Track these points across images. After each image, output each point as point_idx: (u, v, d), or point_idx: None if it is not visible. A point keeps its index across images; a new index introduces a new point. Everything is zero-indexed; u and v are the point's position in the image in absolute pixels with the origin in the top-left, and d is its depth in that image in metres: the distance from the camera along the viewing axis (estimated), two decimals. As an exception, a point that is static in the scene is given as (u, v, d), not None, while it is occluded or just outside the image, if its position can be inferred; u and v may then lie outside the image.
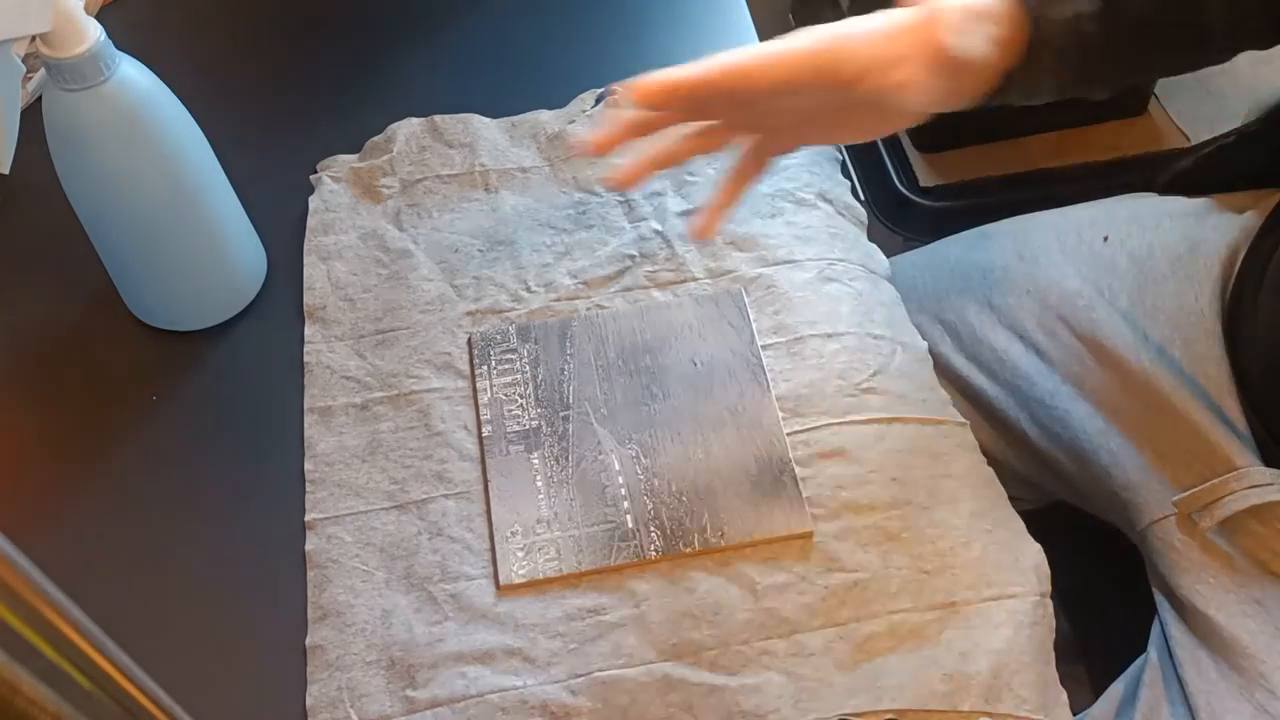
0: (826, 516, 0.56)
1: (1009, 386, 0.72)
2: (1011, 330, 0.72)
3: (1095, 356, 0.68)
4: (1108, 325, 0.68)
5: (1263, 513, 0.59)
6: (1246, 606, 0.60)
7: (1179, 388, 0.64)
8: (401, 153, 0.70)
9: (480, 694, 0.51)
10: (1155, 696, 0.62)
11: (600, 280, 0.65)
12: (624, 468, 0.57)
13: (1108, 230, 0.72)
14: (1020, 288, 0.73)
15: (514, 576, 0.54)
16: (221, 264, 0.63)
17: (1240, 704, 0.58)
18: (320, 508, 0.57)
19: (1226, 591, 0.60)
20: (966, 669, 0.51)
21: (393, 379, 0.61)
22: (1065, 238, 0.73)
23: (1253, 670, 0.58)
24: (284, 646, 0.53)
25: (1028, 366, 0.71)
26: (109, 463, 0.60)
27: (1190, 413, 0.63)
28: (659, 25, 0.80)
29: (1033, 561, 0.55)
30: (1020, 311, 0.72)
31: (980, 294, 0.75)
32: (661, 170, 0.58)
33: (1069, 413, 0.69)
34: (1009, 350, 0.72)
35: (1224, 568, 0.61)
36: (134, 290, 0.63)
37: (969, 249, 0.79)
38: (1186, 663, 0.61)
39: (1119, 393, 0.67)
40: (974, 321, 0.74)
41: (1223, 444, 0.61)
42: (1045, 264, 0.72)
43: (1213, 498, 0.60)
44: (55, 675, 0.25)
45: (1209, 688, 0.59)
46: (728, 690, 0.51)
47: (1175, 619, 0.64)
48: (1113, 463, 0.67)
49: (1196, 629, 0.62)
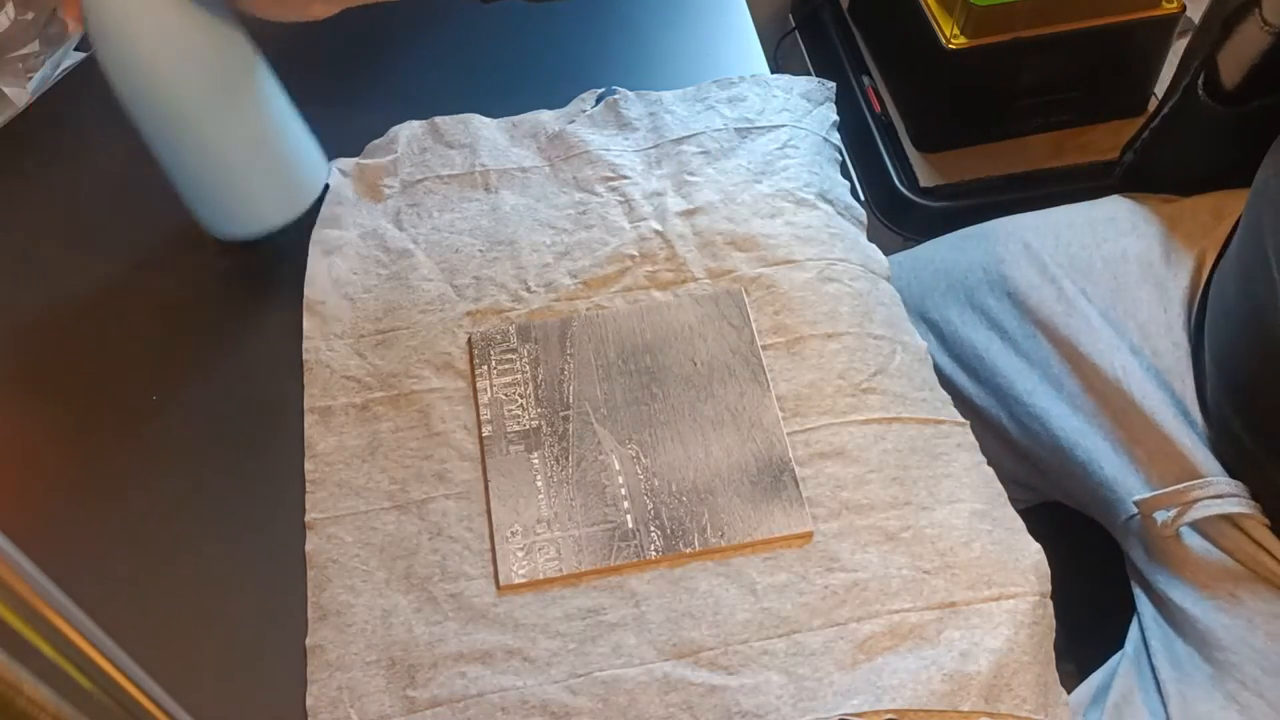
0: (826, 516, 0.56)
1: (989, 384, 0.73)
2: (992, 330, 0.73)
3: (1071, 359, 0.69)
4: (1083, 330, 0.68)
5: (1233, 518, 0.60)
6: (1221, 599, 0.60)
7: (1150, 394, 0.65)
8: (403, 155, 0.70)
9: (480, 694, 0.51)
10: (1128, 685, 0.63)
11: (600, 280, 0.65)
12: (624, 468, 0.57)
13: (1084, 232, 0.72)
14: (999, 289, 0.73)
15: (514, 576, 0.54)
16: (279, 161, 0.63)
17: (1211, 693, 0.58)
18: (320, 508, 0.57)
19: (1201, 585, 0.61)
20: (966, 669, 0.51)
21: (393, 379, 0.61)
22: (1044, 240, 0.73)
23: (1225, 661, 0.59)
24: (284, 646, 0.53)
25: (1007, 366, 0.72)
26: (109, 463, 0.60)
27: (1160, 420, 0.64)
28: (659, 25, 0.81)
29: (1033, 561, 0.55)
30: (1000, 312, 0.73)
31: (962, 295, 0.75)
32: None
33: (1047, 411, 0.69)
34: (989, 349, 0.73)
35: (1199, 562, 0.61)
36: (195, 193, 0.63)
37: (951, 250, 0.79)
38: (1160, 653, 0.62)
39: (1094, 395, 0.68)
40: (956, 321, 0.75)
41: (1191, 451, 0.62)
42: (1024, 266, 0.73)
43: (1175, 502, 0.60)
44: (55, 675, 0.25)
45: (1181, 677, 0.60)
46: (728, 690, 0.51)
47: (1152, 611, 0.64)
48: (1089, 460, 0.67)
49: (1172, 621, 0.62)
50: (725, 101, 0.73)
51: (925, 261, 0.80)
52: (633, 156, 0.71)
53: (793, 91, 0.74)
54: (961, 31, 0.98)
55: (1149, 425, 0.64)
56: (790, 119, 0.72)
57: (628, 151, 0.71)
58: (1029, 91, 1.04)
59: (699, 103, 0.73)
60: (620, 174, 0.69)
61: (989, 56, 0.99)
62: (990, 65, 1.01)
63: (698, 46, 0.79)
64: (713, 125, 0.72)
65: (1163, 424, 0.64)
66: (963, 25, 0.97)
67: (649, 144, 0.71)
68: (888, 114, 1.12)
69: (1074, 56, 1.02)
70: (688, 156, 0.70)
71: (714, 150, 0.71)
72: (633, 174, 0.69)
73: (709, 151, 0.70)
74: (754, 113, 0.72)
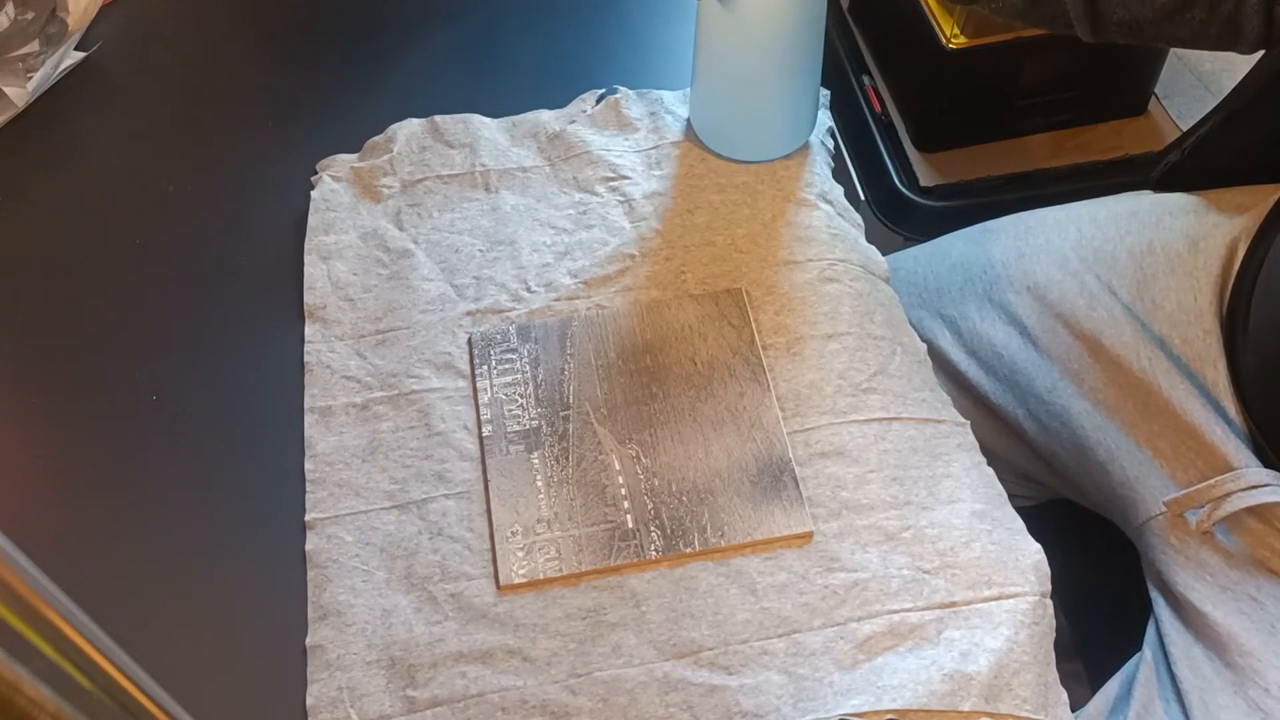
0: (826, 516, 0.56)
1: (1008, 381, 0.72)
2: (1011, 326, 0.72)
3: (1094, 354, 0.68)
4: (1107, 323, 0.68)
5: (1261, 510, 0.59)
6: (1242, 603, 0.60)
7: (1177, 386, 0.64)
8: (402, 153, 0.70)
9: (480, 693, 0.51)
10: (1149, 693, 0.62)
11: (600, 280, 0.65)
12: (624, 467, 0.57)
13: (1108, 227, 0.72)
14: (1020, 284, 0.73)
15: (514, 576, 0.54)
16: (798, 104, 0.68)
17: (1234, 700, 0.58)
18: (320, 507, 0.57)
19: (1222, 588, 0.60)
20: (966, 669, 0.51)
21: (393, 379, 0.61)
22: (1066, 234, 0.73)
23: (1247, 667, 0.58)
24: (284, 646, 0.53)
25: (1026, 362, 0.71)
26: (109, 463, 0.60)
27: (1189, 411, 0.63)
28: (659, 25, 0.80)
29: (1033, 561, 0.55)
30: (1020, 308, 0.72)
31: (980, 290, 0.75)
32: None
33: (1067, 408, 0.69)
34: (1008, 345, 0.72)
35: (1220, 564, 0.61)
36: (718, 126, 0.70)
37: (970, 245, 0.79)
38: (1180, 659, 0.61)
39: (1118, 390, 0.67)
40: (974, 317, 0.74)
41: (1220, 443, 0.61)
42: (1045, 261, 0.72)
43: (1206, 499, 0.60)
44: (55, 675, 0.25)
45: (1203, 684, 0.59)
46: (728, 690, 0.51)
47: (1170, 615, 0.64)
48: (1110, 459, 0.67)
49: (1191, 625, 0.62)
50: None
51: (941, 256, 0.80)
52: (633, 157, 0.71)
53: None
54: (961, 31, 0.97)
55: (1175, 418, 0.64)
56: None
57: (628, 151, 0.71)
58: (1029, 91, 1.04)
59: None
60: (621, 174, 0.69)
61: (989, 56, 0.99)
62: (990, 65, 1.00)
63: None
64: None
65: (1190, 415, 0.63)
66: (963, 25, 0.97)
67: (649, 144, 0.71)
68: (888, 114, 1.12)
69: (1074, 56, 1.02)
70: (688, 157, 0.70)
71: (714, 150, 0.71)
72: (633, 174, 0.69)
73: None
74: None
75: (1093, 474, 0.68)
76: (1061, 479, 0.73)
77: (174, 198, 0.71)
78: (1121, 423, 0.67)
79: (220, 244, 0.68)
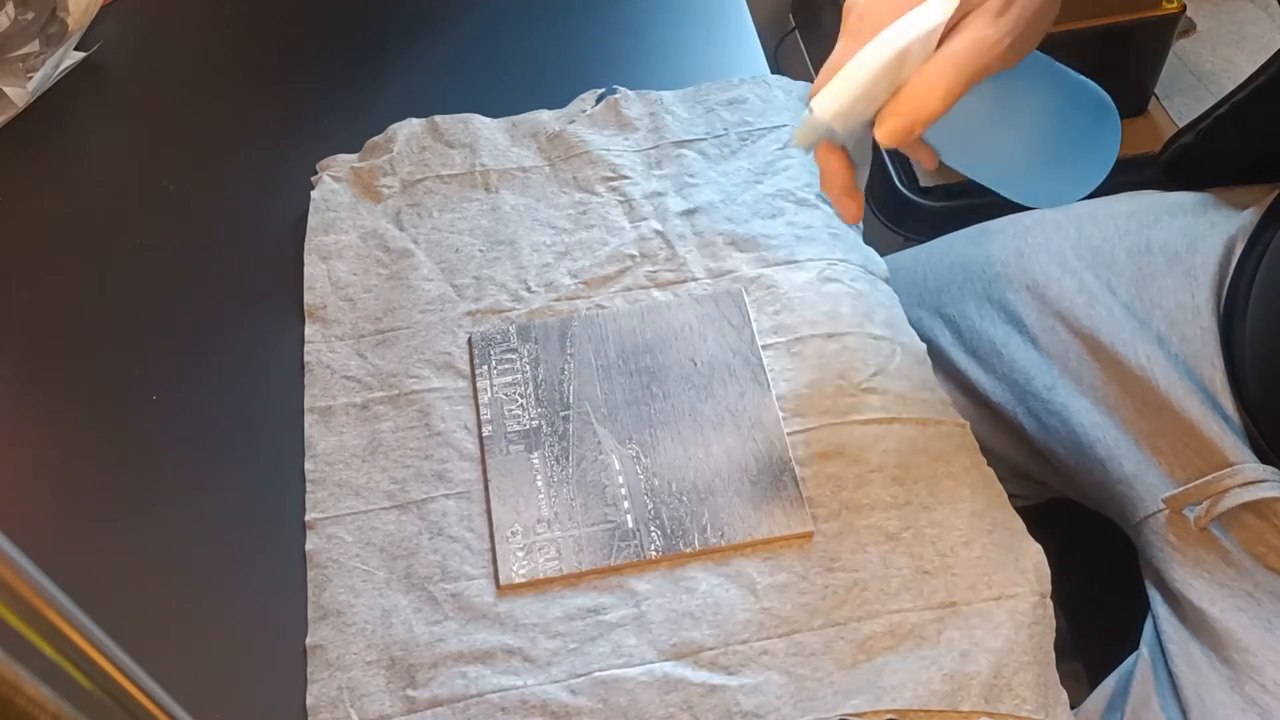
0: (826, 516, 0.56)
1: (1007, 380, 0.73)
2: (1010, 325, 0.72)
3: (1093, 352, 0.68)
4: (1106, 321, 0.68)
5: (1259, 506, 0.59)
6: (1239, 600, 0.60)
7: (1176, 383, 0.64)
8: (402, 153, 0.70)
9: (480, 694, 0.51)
10: (1146, 690, 0.63)
11: (600, 280, 0.65)
12: (624, 467, 0.57)
13: (1106, 226, 0.72)
14: (1019, 283, 0.73)
15: (514, 576, 0.54)
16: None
17: (1231, 696, 0.58)
18: (320, 507, 0.57)
19: (1220, 585, 0.61)
20: (966, 669, 0.51)
21: (393, 379, 0.61)
22: (1065, 233, 0.73)
23: (1244, 663, 0.58)
24: (284, 646, 0.53)
25: (1025, 360, 0.71)
26: (109, 463, 0.60)
27: (1187, 409, 0.63)
28: (659, 25, 0.81)
29: (1033, 561, 0.55)
30: (1019, 306, 0.72)
31: (980, 289, 0.75)
32: None
33: (1066, 406, 0.69)
34: (1007, 344, 0.72)
35: (1218, 561, 0.61)
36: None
37: (970, 244, 0.79)
38: (1178, 656, 0.61)
39: (1116, 388, 0.67)
40: (973, 316, 0.74)
41: (1218, 440, 0.62)
42: (1045, 260, 0.72)
43: (1204, 495, 0.60)
44: (55, 675, 0.25)
45: (1200, 680, 0.60)
46: (727, 690, 0.51)
47: (1168, 612, 0.64)
48: (1109, 456, 0.67)
49: (1189, 622, 0.62)
50: (725, 103, 0.73)
51: (941, 255, 0.80)
52: (633, 156, 0.71)
53: (792, 93, 0.74)
54: (961, 31, 0.97)
55: (1174, 415, 0.64)
56: (791, 120, 0.72)
57: (628, 151, 0.71)
58: (1029, 91, 1.04)
59: (699, 104, 0.73)
60: (620, 174, 0.69)
61: (989, 56, 0.99)
62: (990, 65, 1.00)
63: (698, 46, 0.79)
64: (713, 126, 0.72)
65: (1189, 412, 0.63)
66: (963, 25, 0.97)
67: (649, 144, 0.71)
68: (888, 114, 1.12)
69: (1074, 56, 1.02)
70: (688, 158, 0.70)
71: (714, 151, 0.71)
72: (633, 174, 0.69)
73: (709, 152, 0.71)
74: (754, 114, 0.72)
75: (1092, 471, 0.69)
76: (1061, 477, 0.73)
77: (174, 198, 0.71)
78: (1120, 420, 0.67)
79: (220, 244, 0.68)
